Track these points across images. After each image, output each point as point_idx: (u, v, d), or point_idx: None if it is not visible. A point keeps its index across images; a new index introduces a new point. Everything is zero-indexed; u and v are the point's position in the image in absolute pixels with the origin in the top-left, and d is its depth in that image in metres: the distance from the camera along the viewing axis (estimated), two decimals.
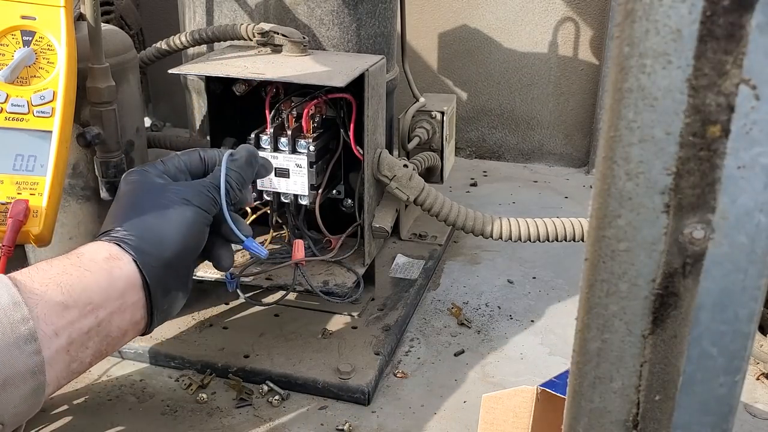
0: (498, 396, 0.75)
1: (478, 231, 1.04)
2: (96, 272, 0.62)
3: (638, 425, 0.38)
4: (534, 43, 1.70)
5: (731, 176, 0.31)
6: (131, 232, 0.67)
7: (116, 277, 0.64)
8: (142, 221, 0.68)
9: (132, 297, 0.65)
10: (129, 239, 0.66)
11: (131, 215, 0.68)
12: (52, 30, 0.73)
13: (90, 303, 0.61)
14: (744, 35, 0.29)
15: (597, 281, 0.36)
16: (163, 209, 0.69)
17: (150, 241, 0.67)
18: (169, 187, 0.72)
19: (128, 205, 0.70)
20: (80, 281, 0.61)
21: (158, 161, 0.77)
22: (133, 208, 0.69)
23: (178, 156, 0.78)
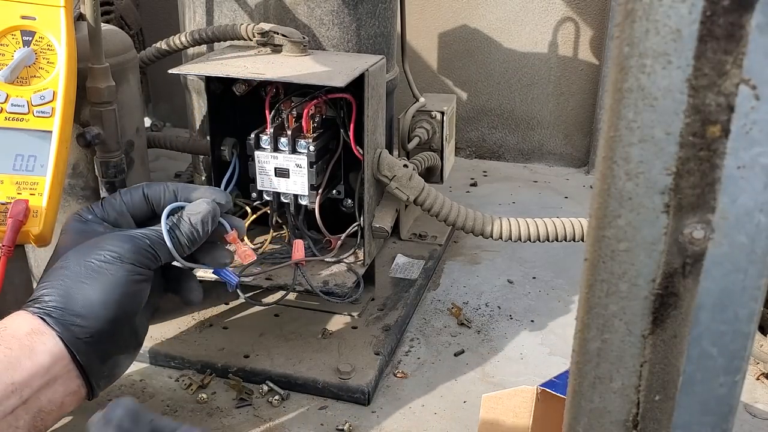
0: (498, 396, 0.75)
1: (478, 231, 1.04)
2: (17, 349, 0.59)
3: (638, 425, 0.38)
4: (534, 43, 1.70)
5: (731, 176, 0.31)
6: (56, 303, 0.62)
7: (39, 352, 0.60)
8: (68, 288, 0.63)
9: (60, 371, 0.61)
10: (54, 312, 0.62)
11: (59, 279, 0.64)
12: (52, 30, 0.73)
13: (12, 383, 0.58)
14: (744, 35, 0.29)
15: (597, 281, 0.36)
16: (93, 272, 0.64)
17: (76, 313, 0.62)
18: (103, 242, 0.66)
19: (59, 265, 0.65)
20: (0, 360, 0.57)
21: (99, 203, 0.72)
22: (62, 270, 0.64)
23: (119, 196, 0.73)
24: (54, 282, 0.63)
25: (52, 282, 0.64)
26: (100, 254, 0.65)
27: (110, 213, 0.71)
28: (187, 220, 0.70)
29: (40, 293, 0.63)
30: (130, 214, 0.72)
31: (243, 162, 1.01)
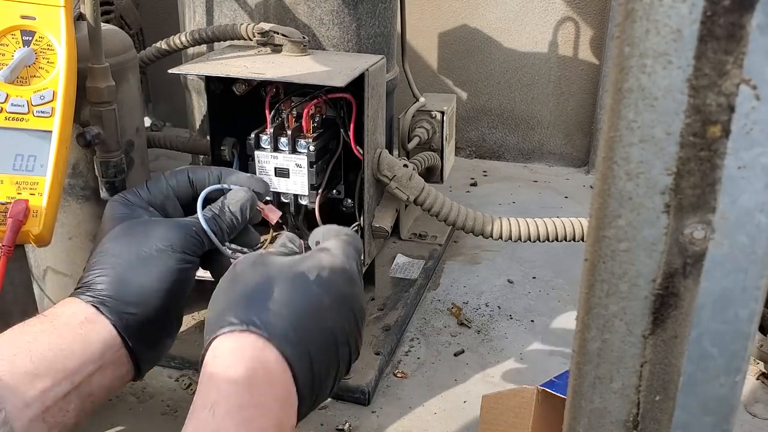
0: (498, 396, 0.75)
1: (478, 231, 1.04)
2: (70, 338, 0.59)
3: (638, 425, 0.38)
4: (534, 43, 1.70)
5: (731, 176, 0.31)
6: (110, 291, 0.63)
7: (93, 341, 0.61)
8: (121, 276, 0.63)
9: (112, 357, 0.62)
10: (107, 300, 0.62)
11: (111, 267, 0.64)
12: (52, 30, 0.73)
13: (64, 369, 0.58)
14: (744, 35, 0.29)
15: (597, 281, 0.36)
16: (146, 261, 0.64)
17: (129, 301, 0.63)
18: (154, 230, 0.66)
19: (109, 251, 0.65)
20: (51, 349, 0.58)
21: (144, 186, 0.72)
22: (114, 257, 0.64)
23: (164, 180, 0.72)
24: (106, 269, 0.64)
25: (104, 269, 0.64)
26: (153, 243, 0.65)
27: (157, 197, 0.71)
28: (227, 208, 0.71)
29: (92, 279, 0.64)
30: (175, 197, 0.72)
31: (243, 162, 1.01)
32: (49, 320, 0.60)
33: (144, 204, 0.70)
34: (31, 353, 0.57)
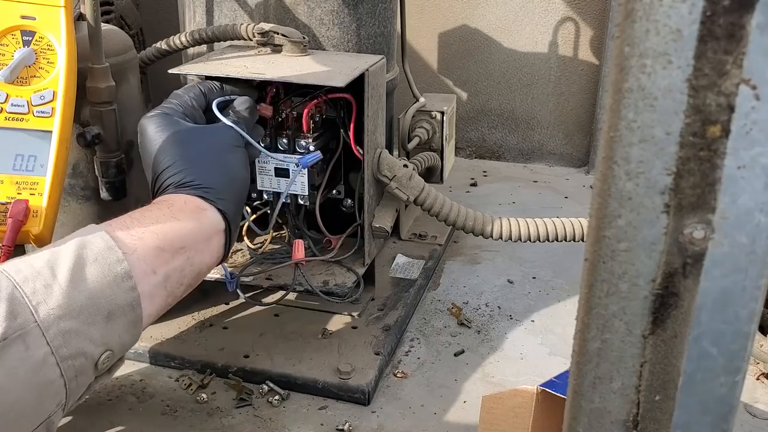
0: (498, 396, 0.75)
1: (478, 231, 1.04)
2: (186, 221, 0.72)
3: (638, 425, 0.38)
4: (534, 43, 1.70)
5: (731, 176, 0.31)
6: (207, 184, 0.76)
7: (204, 225, 0.74)
8: (210, 173, 0.77)
9: (216, 239, 0.76)
10: (210, 191, 0.76)
11: (198, 166, 0.77)
12: (52, 30, 0.73)
13: (182, 246, 0.71)
14: (744, 35, 0.29)
15: (597, 281, 0.36)
16: (225, 156, 0.80)
17: (226, 191, 0.77)
18: (218, 134, 0.82)
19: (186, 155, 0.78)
20: (173, 229, 0.70)
21: (171, 102, 0.84)
22: (195, 158, 0.78)
23: (186, 95, 0.85)
24: (193, 169, 0.77)
25: (190, 168, 0.77)
26: (223, 143, 0.81)
27: (187, 109, 0.84)
28: (242, 113, 0.87)
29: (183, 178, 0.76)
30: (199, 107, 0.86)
31: None
32: (166, 206, 0.72)
33: (181, 115, 0.82)
34: (157, 232, 0.69)
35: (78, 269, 0.62)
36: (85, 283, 0.62)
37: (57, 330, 0.59)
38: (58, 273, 0.61)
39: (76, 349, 0.61)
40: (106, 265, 0.63)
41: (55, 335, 0.59)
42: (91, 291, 0.62)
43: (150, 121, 0.81)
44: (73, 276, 0.61)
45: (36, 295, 0.59)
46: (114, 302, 0.63)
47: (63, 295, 0.60)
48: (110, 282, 0.63)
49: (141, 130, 0.81)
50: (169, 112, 0.82)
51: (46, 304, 0.59)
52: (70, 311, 0.60)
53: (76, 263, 0.62)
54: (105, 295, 0.63)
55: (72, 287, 0.61)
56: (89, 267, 0.63)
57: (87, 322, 0.61)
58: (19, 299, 0.58)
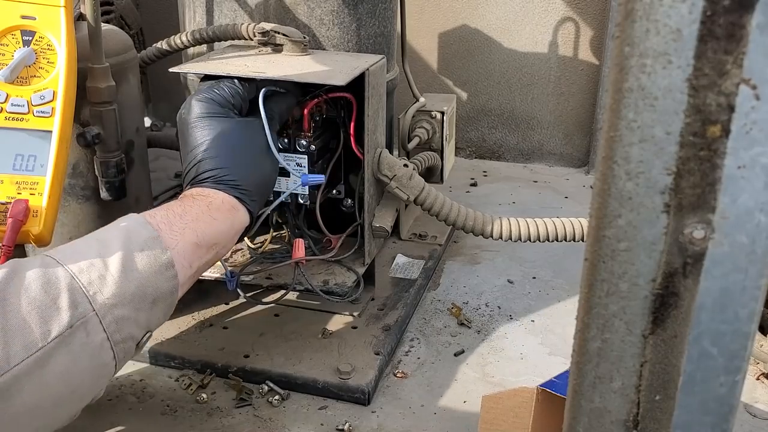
0: (498, 396, 0.75)
1: (478, 231, 1.04)
2: (222, 221, 0.78)
3: (638, 425, 0.38)
4: (534, 43, 1.70)
5: (731, 176, 0.31)
6: (247, 185, 0.82)
7: (236, 225, 0.81)
8: (252, 172, 0.83)
9: (239, 235, 0.83)
10: (246, 192, 0.82)
11: (242, 165, 0.83)
12: (52, 30, 0.73)
13: (215, 243, 0.77)
14: (744, 35, 0.29)
15: (597, 281, 0.36)
16: (263, 158, 0.86)
17: (258, 193, 0.84)
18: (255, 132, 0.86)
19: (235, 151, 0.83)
20: (210, 227, 0.76)
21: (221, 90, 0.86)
22: (241, 155, 0.83)
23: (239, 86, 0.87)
24: (234, 167, 0.82)
25: (231, 167, 0.81)
26: (258, 143, 0.86)
27: (239, 100, 0.87)
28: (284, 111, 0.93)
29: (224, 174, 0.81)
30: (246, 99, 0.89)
31: None
32: (205, 204, 0.78)
33: (229, 104, 0.86)
34: (196, 229, 0.74)
35: (128, 260, 0.67)
36: (135, 273, 0.67)
37: (112, 317, 0.65)
38: (110, 264, 0.66)
39: (127, 333, 0.66)
40: (152, 255, 0.69)
41: (110, 322, 0.64)
42: (139, 280, 0.67)
43: (199, 105, 0.84)
44: (124, 266, 0.66)
45: (92, 285, 0.64)
46: (159, 289, 0.69)
47: (116, 284, 0.65)
48: (156, 271, 0.69)
49: (188, 108, 0.84)
50: (218, 100, 0.85)
51: (101, 294, 0.64)
52: (122, 300, 0.65)
53: (126, 254, 0.67)
54: (151, 282, 0.68)
55: (123, 277, 0.66)
56: (138, 257, 0.68)
57: (136, 308, 0.67)
58: (78, 289, 0.63)
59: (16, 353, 0.58)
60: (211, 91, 0.86)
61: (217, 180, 0.81)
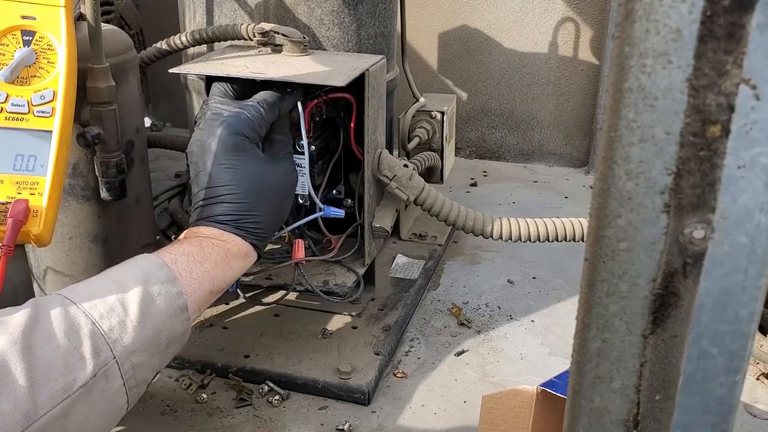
0: (498, 396, 0.75)
1: (478, 231, 1.04)
2: (236, 269, 0.79)
3: (638, 425, 0.38)
4: (534, 43, 1.70)
5: (731, 176, 0.31)
6: (263, 230, 0.82)
7: (245, 267, 0.82)
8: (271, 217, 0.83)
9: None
10: (263, 238, 0.82)
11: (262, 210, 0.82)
12: (52, 30, 0.73)
13: (224, 288, 0.78)
14: (744, 35, 0.29)
15: (597, 281, 0.36)
16: (284, 202, 0.86)
17: (272, 233, 0.85)
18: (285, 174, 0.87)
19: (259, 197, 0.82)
20: (225, 275, 0.77)
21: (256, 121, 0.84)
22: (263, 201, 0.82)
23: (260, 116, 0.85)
24: (255, 213, 0.81)
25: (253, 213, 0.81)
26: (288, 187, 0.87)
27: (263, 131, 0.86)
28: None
29: (246, 221, 0.80)
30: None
31: None
32: (223, 251, 0.78)
33: (257, 137, 0.84)
34: (214, 278, 0.75)
35: (146, 304, 0.67)
36: (153, 318, 0.67)
37: (129, 364, 0.65)
38: (129, 308, 0.66)
39: (142, 378, 0.67)
40: (169, 299, 0.69)
41: (127, 369, 0.65)
42: (156, 324, 0.67)
43: (228, 137, 0.82)
44: (142, 311, 0.66)
45: (113, 332, 0.64)
46: (173, 333, 0.69)
47: (135, 330, 0.65)
48: (171, 315, 0.69)
49: (213, 137, 0.82)
50: (247, 133, 0.83)
51: (121, 341, 0.64)
52: (140, 346, 0.65)
53: (144, 298, 0.67)
54: (167, 327, 0.68)
55: (142, 323, 0.66)
56: (156, 302, 0.68)
57: (152, 353, 0.67)
58: (99, 336, 0.63)
59: (43, 403, 0.58)
60: (239, 121, 0.83)
61: (238, 225, 0.80)
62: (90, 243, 0.89)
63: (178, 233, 1.23)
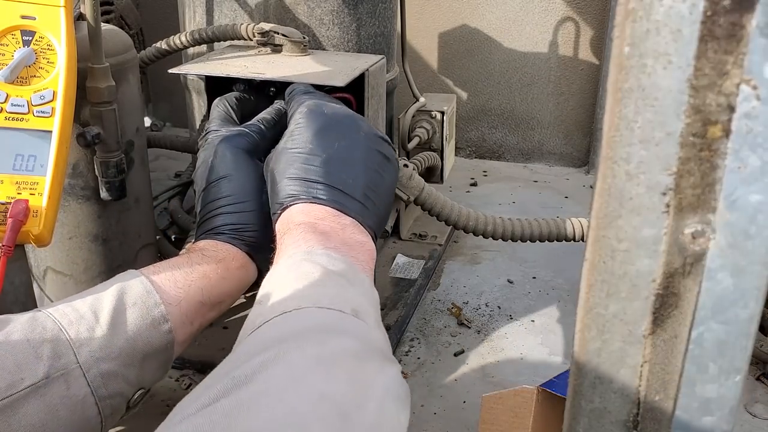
0: (498, 396, 0.75)
1: (479, 231, 1.04)
2: (230, 280, 0.75)
3: (638, 425, 0.38)
4: (534, 43, 1.70)
5: (731, 176, 0.31)
6: (260, 241, 0.79)
7: (243, 282, 0.78)
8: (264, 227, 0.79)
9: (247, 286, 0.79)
10: (259, 249, 0.79)
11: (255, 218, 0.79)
12: (52, 30, 0.73)
13: (220, 302, 0.74)
14: (745, 35, 0.29)
15: (597, 281, 0.36)
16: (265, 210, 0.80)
17: (269, 247, 0.76)
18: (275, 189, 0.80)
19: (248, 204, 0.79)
20: (216, 286, 0.73)
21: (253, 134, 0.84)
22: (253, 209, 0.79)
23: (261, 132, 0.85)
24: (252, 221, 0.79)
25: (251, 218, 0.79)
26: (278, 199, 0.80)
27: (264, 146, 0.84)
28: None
29: (241, 228, 0.78)
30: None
31: None
32: (214, 261, 0.75)
33: (259, 154, 0.83)
34: (202, 288, 0.72)
35: (118, 313, 0.65)
36: (125, 327, 0.65)
37: (97, 371, 0.62)
38: (100, 316, 0.64)
39: (114, 389, 0.64)
40: (144, 309, 0.66)
41: (95, 376, 0.62)
42: (129, 334, 0.65)
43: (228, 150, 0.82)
44: (114, 320, 0.64)
45: (79, 337, 0.62)
46: (151, 345, 0.66)
47: (104, 338, 0.63)
48: (148, 325, 0.66)
49: (214, 151, 0.82)
50: (248, 149, 0.82)
51: (88, 347, 0.62)
52: (109, 354, 0.63)
53: (116, 307, 0.65)
54: (143, 338, 0.65)
55: (112, 331, 0.64)
56: (129, 311, 0.66)
57: (125, 363, 0.64)
58: (64, 341, 0.61)
59: None
60: (239, 137, 0.83)
61: (233, 235, 0.78)
62: (90, 243, 0.89)
63: (178, 233, 1.23)
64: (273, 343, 0.51)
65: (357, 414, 0.46)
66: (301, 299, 0.57)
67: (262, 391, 0.46)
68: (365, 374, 0.51)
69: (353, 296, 0.60)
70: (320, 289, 0.59)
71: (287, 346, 0.50)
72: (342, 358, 0.51)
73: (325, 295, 0.58)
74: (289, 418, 0.44)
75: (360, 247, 0.70)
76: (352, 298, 0.59)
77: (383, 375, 0.53)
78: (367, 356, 0.53)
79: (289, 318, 0.55)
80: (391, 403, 0.51)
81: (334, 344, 0.52)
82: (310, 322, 0.54)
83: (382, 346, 0.58)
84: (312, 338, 0.52)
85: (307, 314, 0.55)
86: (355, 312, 0.57)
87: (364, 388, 0.49)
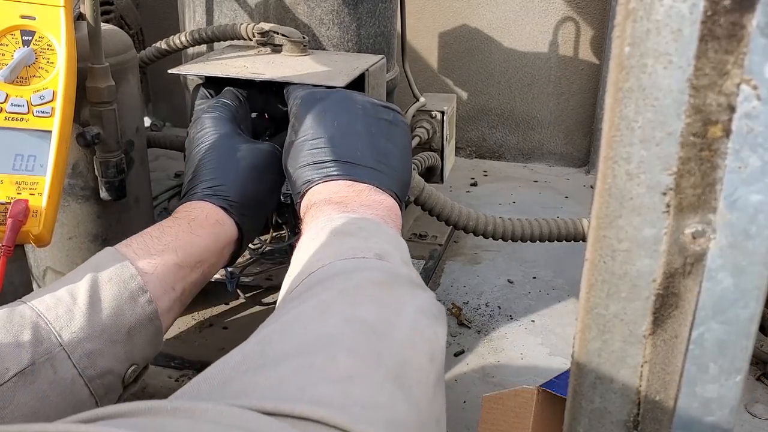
0: (498, 396, 0.75)
1: (479, 231, 1.04)
2: (204, 236, 0.73)
3: (638, 425, 0.38)
4: (534, 43, 1.70)
5: (732, 176, 0.31)
6: (235, 198, 0.77)
7: (221, 239, 0.75)
8: (244, 187, 0.78)
9: (227, 248, 0.77)
10: (234, 205, 0.77)
11: (234, 177, 0.78)
12: (52, 30, 0.73)
13: (199, 261, 0.72)
14: (745, 35, 0.29)
15: (597, 281, 0.36)
16: (261, 175, 0.81)
17: (249, 207, 0.78)
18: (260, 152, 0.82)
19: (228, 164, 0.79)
20: (191, 244, 0.71)
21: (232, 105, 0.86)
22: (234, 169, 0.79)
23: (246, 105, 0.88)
24: (229, 178, 0.78)
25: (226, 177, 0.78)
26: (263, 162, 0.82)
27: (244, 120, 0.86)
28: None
29: (216, 184, 0.77)
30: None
31: None
32: (186, 221, 0.73)
33: (237, 122, 0.85)
34: (176, 249, 0.70)
35: (95, 291, 0.64)
36: (104, 304, 0.64)
37: (82, 352, 0.61)
38: (78, 297, 0.63)
39: (103, 368, 0.62)
40: (121, 283, 0.65)
41: (80, 357, 0.61)
42: (109, 311, 0.64)
43: (213, 118, 0.84)
44: (91, 298, 0.63)
45: (59, 320, 0.61)
46: (133, 318, 0.65)
47: (83, 317, 0.62)
48: (127, 298, 0.65)
49: (198, 122, 0.84)
50: (229, 117, 0.84)
51: (69, 328, 0.61)
52: (92, 333, 0.62)
53: (93, 285, 0.64)
54: (123, 312, 0.64)
55: (91, 309, 0.63)
56: (105, 287, 0.64)
57: (110, 340, 0.63)
58: (43, 326, 0.60)
59: None
60: (216, 103, 0.86)
61: (206, 194, 0.77)
62: (90, 243, 0.89)
63: None
64: (299, 294, 0.55)
65: (387, 330, 0.49)
66: (324, 258, 0.60)
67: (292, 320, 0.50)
68: (393, 297, 0.54)
69: (375, 243, 0.62)
70: (340, 246, 0.61)
71: (314, 291, 0.54)
72: (367, 287, 0.54)
73: (347, 249, 0.60)
74: (320, 339, 0.47)
75: (378, 205, 0.72)
76: (373, 246, 0.61)
77: (414, 297, 0.55)
78: (394, 284, 0.56)
79: (314, 275, 0.58)
80: (424, 320, 0.53)
81: (358, 277, 0.55)
82: (334, 270, 0.57)
83: (412, 277, 0.59)
84: (337, 279, 0.55)
85: (330, 267, 0.58)
86: (378, 256, 0.60)
87: (394, 309, 0.52)
